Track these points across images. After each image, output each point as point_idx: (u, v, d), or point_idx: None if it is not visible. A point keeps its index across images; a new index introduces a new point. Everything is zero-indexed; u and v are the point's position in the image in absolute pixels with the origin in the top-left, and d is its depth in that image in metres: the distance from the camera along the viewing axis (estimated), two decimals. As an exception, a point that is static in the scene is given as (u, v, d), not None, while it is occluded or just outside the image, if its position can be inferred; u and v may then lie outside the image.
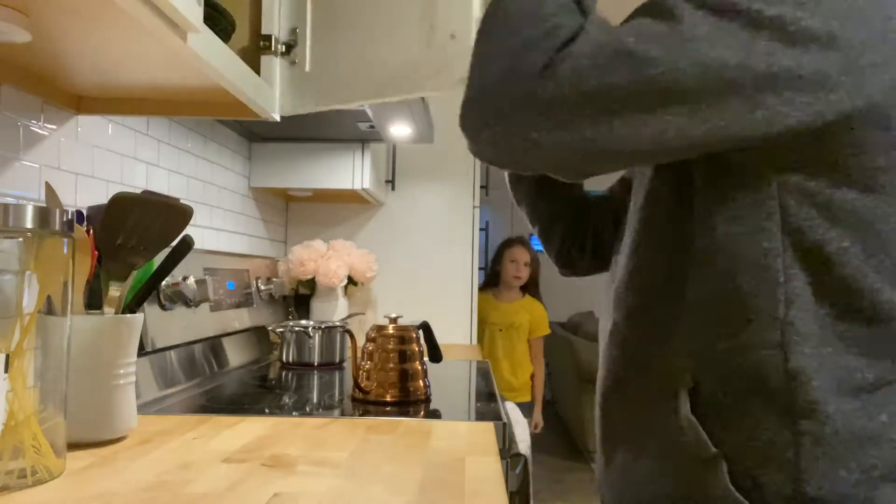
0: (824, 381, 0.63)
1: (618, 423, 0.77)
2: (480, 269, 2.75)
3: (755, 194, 0.65)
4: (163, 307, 1.30)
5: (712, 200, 0.67)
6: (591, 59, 0.61)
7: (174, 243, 0.99)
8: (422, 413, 1.18)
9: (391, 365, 1.26)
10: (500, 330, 2.91)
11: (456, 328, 2.45)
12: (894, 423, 0.64)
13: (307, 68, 1.11)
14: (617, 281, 0.78)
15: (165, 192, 1.33)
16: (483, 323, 2.91)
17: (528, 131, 0.63)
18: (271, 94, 1.11)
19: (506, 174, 1.03)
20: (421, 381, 1.28)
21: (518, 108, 0.63)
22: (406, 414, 1.17)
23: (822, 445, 0.62)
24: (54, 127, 1.08)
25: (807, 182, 0.63)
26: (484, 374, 1.69)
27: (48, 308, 0.73)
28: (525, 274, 2.93)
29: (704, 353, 0.67)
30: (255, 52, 1.12)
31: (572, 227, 1.00)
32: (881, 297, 0.63)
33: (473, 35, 0.84)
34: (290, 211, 2.48)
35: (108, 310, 0.91)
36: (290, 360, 1.71)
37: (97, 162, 1.21)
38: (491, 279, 3.04)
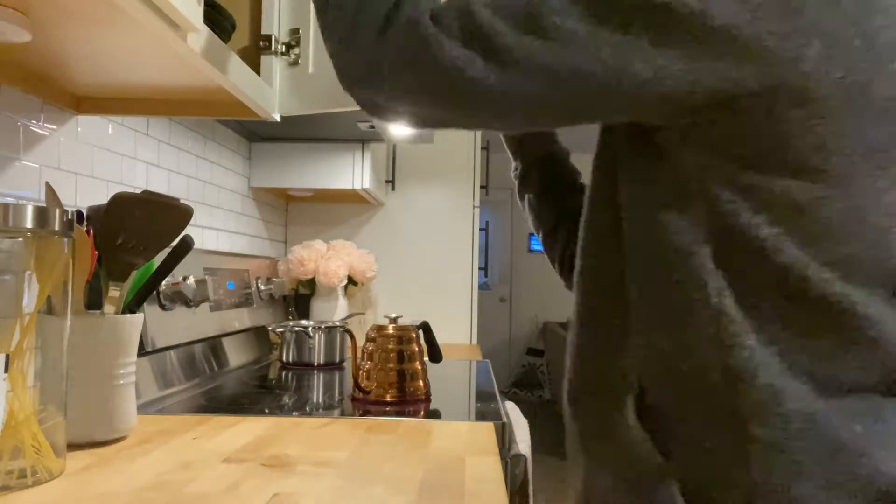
0: (774, 379, 0.55)
1: (578, 434, 0.71)
2: (480, 269, 2.75)
3: (677, 179, 0.60)
4: (163, 307, 1.30)
5: (637, 191, 0.63)
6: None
7: (174, 243, 0.99)
8: (422, 413, 1.18)
9: (391, 365, 1.26)
10: None
11: (456, 328, 2.45)
12: (870, 436, 0.54)
13: (311, 70, 1.11)
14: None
15: (165, 192, 1.33)
16: None
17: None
18: (271, 94, 1.11)
19: (516, 184, 1.02)
20: (421, 381, 1.28)
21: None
22: (406, 414, 1.17)
23: (777, 453, 0.54)
24: (54, 127, 1.08)
25: (729, 165, 0.57)
26: (484, 373, 1.69)
27: (48, 308, 0.73)
28: None
29: (648, 354, 0.62)
30: (255, 52, 1.12)
31: (574, 236, 0.96)
32: (830, 289, 0.55)
33: None
34: (290, 211, 2.48)
35: (108, 310, 0.91)
36: (290, 360, 1.71)
37: (97, 162, 1.21)
38: None
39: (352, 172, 2.04)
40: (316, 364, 1.70)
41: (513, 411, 1.40)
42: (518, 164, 1.00)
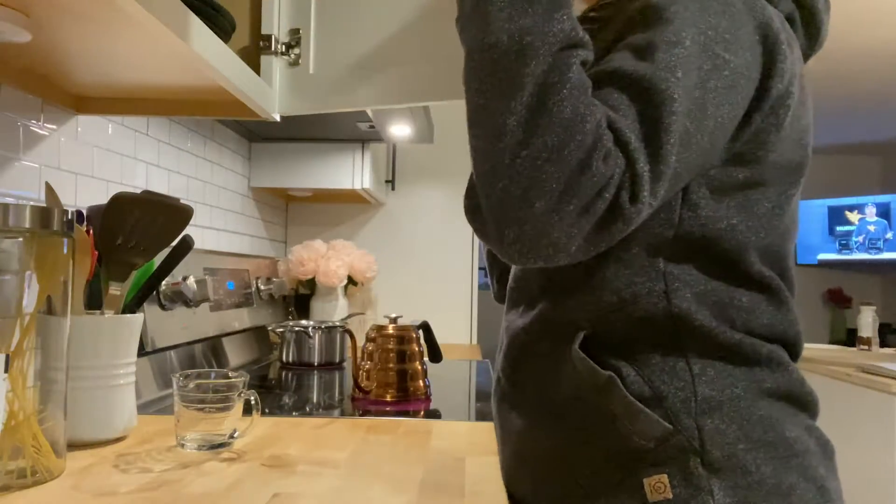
0: (706, 319, 0.67)
1: (522, 387, 0.79)
2: (480, 268, 2.75)
3: None
4: (163, 307, 1.30)
5: None
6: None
7: (174, 243, 0.99)
8: (422, 413, 1.18)
9: (391, 365, 1.26)
10: None
11: (456, 328, 2.45)
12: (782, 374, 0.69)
13: (311, 70, 1.11)
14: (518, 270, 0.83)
15: (165, 192, 1.33)
16: None
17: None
18: (271, 94, 1.11)
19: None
20: (421, 381, 1.28)
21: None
22: (406, 414, 1.17)
23: (711, 358, 0.67)
24: (54, 127, 1.08)
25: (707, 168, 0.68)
26: (484, 373, 1.69)
27: (48, 308, 0.73)
28: None
29: (596, 305, 0.71)
30: (255, 52, 1.12)
31: None
32: (752, 269, 0.69)
33: None
34: (290, 211, 2.48)
35: (108, 310, 0.91)
36: (290, 360, 1.71)
37: (97, 162, 1.21)
38: None
39: (352, 172, 2.04)
40: (316, 364, 1.70)
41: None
42: None
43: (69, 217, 0.75)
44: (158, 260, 0.99)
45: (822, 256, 5.64)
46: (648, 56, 0.61)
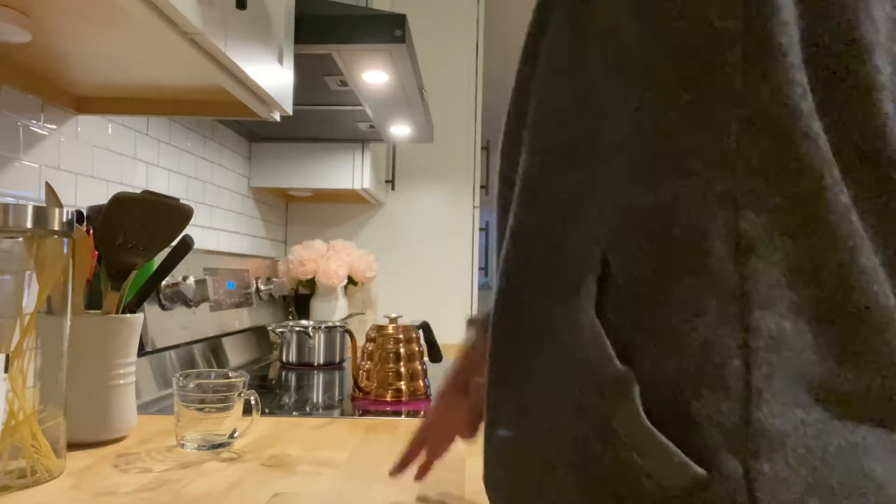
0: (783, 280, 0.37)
1: (509, 355, 0.47)
2: (480, 268, 2.75)
3: None
4: (163, 307, 1.30)
5: None
6: None
7: (174, 243, 0.99)
8: (422, 413, 1.18)
9: (391, 365, 1.26)
10: None
11: (456, 328, 2.45)
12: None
13: None
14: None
15: (165, 192, 1.33)
16: None
17: None
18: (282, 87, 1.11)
19: None
20: (421, 381, 1.28)
21: None
22: (406, 414, 1.17)
23: (782, 363, 0.37)
24: (54, 127, 1.08)
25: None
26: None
27: (48, 308, 0.73)
28: None
29: (621, 214, 0.41)
30: (255, 52, 1.12)
31: None
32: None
33: None
34: (290, 211, 2.48)
35: (108, 310, 0.91)
36: (291, 360, 1.71)
37: (97, 162, 1.21)
38: None
39: (352, 172, 2.04)
40: (316, 364, 1.71)
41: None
42: None
43: (69, 217, 0.75)
44: (158, 260, 0.99)
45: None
46: None
